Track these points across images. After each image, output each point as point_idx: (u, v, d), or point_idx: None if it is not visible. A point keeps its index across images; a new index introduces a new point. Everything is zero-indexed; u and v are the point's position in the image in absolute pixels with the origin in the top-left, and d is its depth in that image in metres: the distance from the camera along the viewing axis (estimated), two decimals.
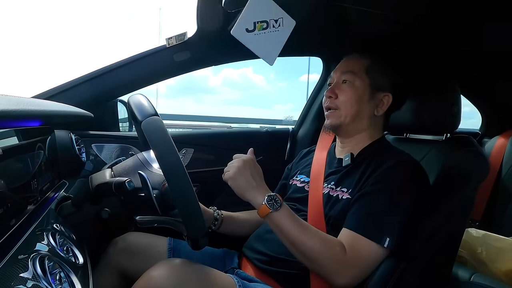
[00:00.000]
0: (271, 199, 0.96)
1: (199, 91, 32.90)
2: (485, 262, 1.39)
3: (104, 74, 1.38)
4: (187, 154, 1.65)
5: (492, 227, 1.57)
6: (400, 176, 1.00)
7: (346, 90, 1.14)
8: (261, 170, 1.05)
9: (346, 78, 1.14)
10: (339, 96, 1.14)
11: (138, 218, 0.91)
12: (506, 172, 1.88)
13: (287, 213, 0.98)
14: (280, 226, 0.97)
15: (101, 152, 1.46)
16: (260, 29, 1.00)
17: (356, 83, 1.13)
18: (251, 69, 32.17)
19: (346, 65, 1.18)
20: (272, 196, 0.97)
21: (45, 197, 0.93)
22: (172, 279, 0.87)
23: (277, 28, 1.02)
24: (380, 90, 1.14)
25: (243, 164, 1.00)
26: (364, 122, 1.16)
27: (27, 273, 0.54)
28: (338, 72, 1.18)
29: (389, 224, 0.95)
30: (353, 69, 1.14)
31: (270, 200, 0.96)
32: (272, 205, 0.96)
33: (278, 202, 0.97)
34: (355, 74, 1.14)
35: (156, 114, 0.82)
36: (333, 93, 1.15)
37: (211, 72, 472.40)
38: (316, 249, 0.94)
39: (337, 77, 1.17)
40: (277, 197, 0.97)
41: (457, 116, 1.21)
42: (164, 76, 1.51)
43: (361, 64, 1.15)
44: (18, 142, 0.82)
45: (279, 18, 1.01)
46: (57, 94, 1.31)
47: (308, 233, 0.96)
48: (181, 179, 0.77)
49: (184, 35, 1.35)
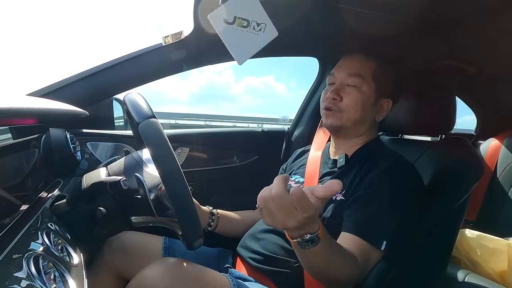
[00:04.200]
0: (306, 241, 0.74)
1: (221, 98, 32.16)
2: (480, 263, 1.40)
3: (99, 72, 1.37)
4: (183, 153, 1.65)
5: (487, 228, 1.58)
6: (393, 179, 1.00)
7: (352, 94, 1.11)
8: None
9: (354, 82, 1.11)
10: (344, 99, 1.11)
11: (133, 219, 0.91)
12: (501, 173, 1.89)
13: (321, 250, 0.77)
14: (308, 259, 0.83)
15: (96, 151, 1.46)
16: (239, 25, 0.97)
17: (364, 88, 1.11)
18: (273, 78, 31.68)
19: (353, 67, 1.14)
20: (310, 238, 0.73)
21: (40, 196, 0.93)
22: (166, 279, 0.87)
23: (257, 32, 0.98)
24: (383, 96, 1.14)
25: None
26: (365, 127, 1.16)
27: (21, 272, 0.54)
28: (344, 73, 1.14)
29: (384, 227, 0.95)
30: (361, 73, 1.11)
31: (305, 241, 0.74)
32: (303, 245, 0.74)
33: (314, 242, 0.74)
34: (363, 78, 1.11)
35: (153, 116, 0.82)
36: (338, 95, 1.12)
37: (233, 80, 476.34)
38: (339, 277, 0.85)
39: (342, 78, 1.14)
40: (316, 238, 0.74)
41: (452, 118, 1.22)
42: (160, 74, 1.50)
43: (368, 68, 1.13)
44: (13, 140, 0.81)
45: (262, 23, 0.98)
46: (52, 91, 1.30)
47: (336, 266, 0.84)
48: (178, 184, 0.77)
49: (181, 33, 1.35)
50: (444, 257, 1.14)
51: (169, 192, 0.78)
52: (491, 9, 1.10)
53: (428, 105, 1.19)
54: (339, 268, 0.84)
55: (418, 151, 1.24)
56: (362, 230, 0.94)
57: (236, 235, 1.28)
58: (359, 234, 0.93)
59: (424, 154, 1.22)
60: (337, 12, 1.18)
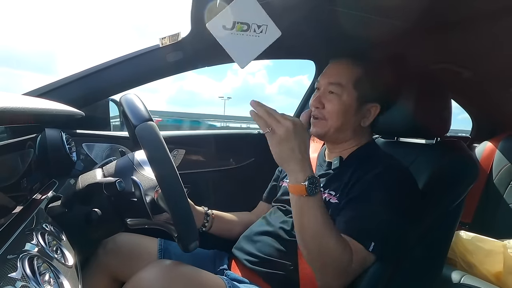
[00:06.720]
0: (312, 182, 0.86)
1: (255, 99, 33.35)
2: (475, 264, 1.41)
3: (96, 72, 1.37)
4: (178, 155, 1.65)
5: (482, 230, 1.59)
6: (387, 182, 1.00)
7: (333, 102, 1.10)
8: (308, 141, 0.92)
9: (333, 90, 1.10)
10: (326, 106, 1.11)
11: (129, 221, 0.91)
12: (496, 175, 1.91)
13: (321, 201, 0.90)
14: (309, 213, 0.89)
15: (92, 152, 1.45)
16: (239, 30, 0.95)
17: (344, 97, 1.09)
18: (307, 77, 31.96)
19: (334, 74, 1.13)
20: (313, 180, 0.87)
21: (35, 197, 0.92)
22: (162, 281, 0.87)
23: (258, 34, 0.96)
24: (368, 101, 1.12)
25: (294, 128, 0.86)
26: (349, 133, 1.14)
27: (16, 273, 0.54)
28: (326, 80, 1.13)
29: (374, 229, 0.95)
30: (341, 82, 1.10)
31: (311, 183, 0.86)
32: (311, 189, 0.86)
33: (318, 187, 0.87)
34: (342, 87, 1.09)
35: (150, 119, 0.82)
36: (319, 103, 1.11)
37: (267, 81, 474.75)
38: (333, 247, 0.88)
39: (324, 85, 1.13)
40: (318, 182, 0.88)
41: (448, 120, 1.22)
42: (156, 76, 1.49)
43: (350, 76, 1.11)
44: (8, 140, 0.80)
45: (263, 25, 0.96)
46: (48, 92, 1.30)
47: (332, 230, 0.90)
48: (174, 187, 0.77)
49: (178, 35, 1.35)
50: (440, 259, 1.15)
51: (165, 194, 0.78)
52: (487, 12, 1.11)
53: (423, 108, 1.19)
54: (331, 236, 0.89)
55: (413, 154, 1.24)
56: (352, 230, 0.95)
57: (231, 236, 1.28)
58: (350, 234, 0.94)
59: (419, 156, 1.22)
60: (333, 15, 1.19)
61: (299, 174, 0.87)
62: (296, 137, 0.86)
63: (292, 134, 0.85)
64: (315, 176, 0.88)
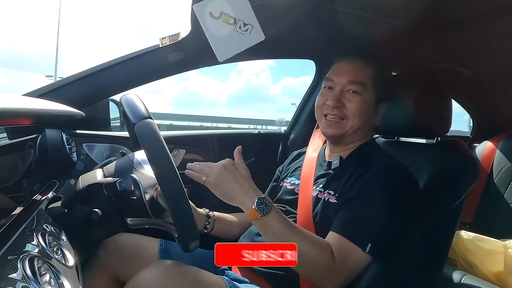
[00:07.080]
0: (261, 202, 0.92)
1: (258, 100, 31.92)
2: (476, 264, 1.41)
3: (96, 72, 1.37)
4: (179, 155, 1.65)
5: (483, 229, 1.58)
6: (386, 182, 1.00)
7: (355, 101, 1.10)
8: (248, 171, 1.00)
9: (355, 89, 1.10)
10: (347, 105, 1.10)
11: (129, 220, 0.90)
12: (497, 175, 1.91)
13: (277, 216, 0.94)
14: (271, 230, 0.93)
15: (92, 152, 1.45)
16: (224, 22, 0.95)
17: (365, 95, 1.10)
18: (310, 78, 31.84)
19: (354, 74, 1.12)
20: (262, 200, 0.92)
21: (35, 197, 0.92)
22: (163, 281, 0.87)
23: (243, 32, 0.96)
24: (381, 101, 1.15)
25: (223, 169, 0.95)
26: (362, 133, 1.15)
27: (16, 274, 0.54)
28: (344, 78, 1.12)
29: (371, 230, 0.95)
30: (363, 81, 1.11)
31: (260, 203, 0.92)
32: (262, 209, 0.91)
33: (268, 205, 0.92)
34: (365, 86, 1.10)
35: (149, 117, 0.81)
36: (339, 102, 1.11)
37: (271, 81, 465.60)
38: (307, 252, 0.91)
39: (343, 84, 1.12)
40: (266, 200, 0.93)
41: (448, 120, 1.22)
42: (157, 76, 1.49)
43: (369, 75, 1.12)
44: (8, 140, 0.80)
45: (249, 24, 0.96)
46: (48, 92, 1.30)
47: (299, 236, 0.93)
48: (174, 185, 0.77)
49: (178, 35, 1.34)
50: (441, 259, 1.15)
51: (165, 193, 0.78)
52: (488, 13, 1.11)
53: (424, 108, 1.19)
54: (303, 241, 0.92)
55: (414, 154, 1.24)
56: (348, 230, 0.95)
57: (232, 238, 1.28)
58: (345, 234, 0.95)
59: (420, 156, 1.22)
60: (333, 14, 1.19)
61: (247, 202, 0.93)
62: (229, 173, 0.95)
63: (224, 172, 0.95)
64: (261, 196, 0.93)
